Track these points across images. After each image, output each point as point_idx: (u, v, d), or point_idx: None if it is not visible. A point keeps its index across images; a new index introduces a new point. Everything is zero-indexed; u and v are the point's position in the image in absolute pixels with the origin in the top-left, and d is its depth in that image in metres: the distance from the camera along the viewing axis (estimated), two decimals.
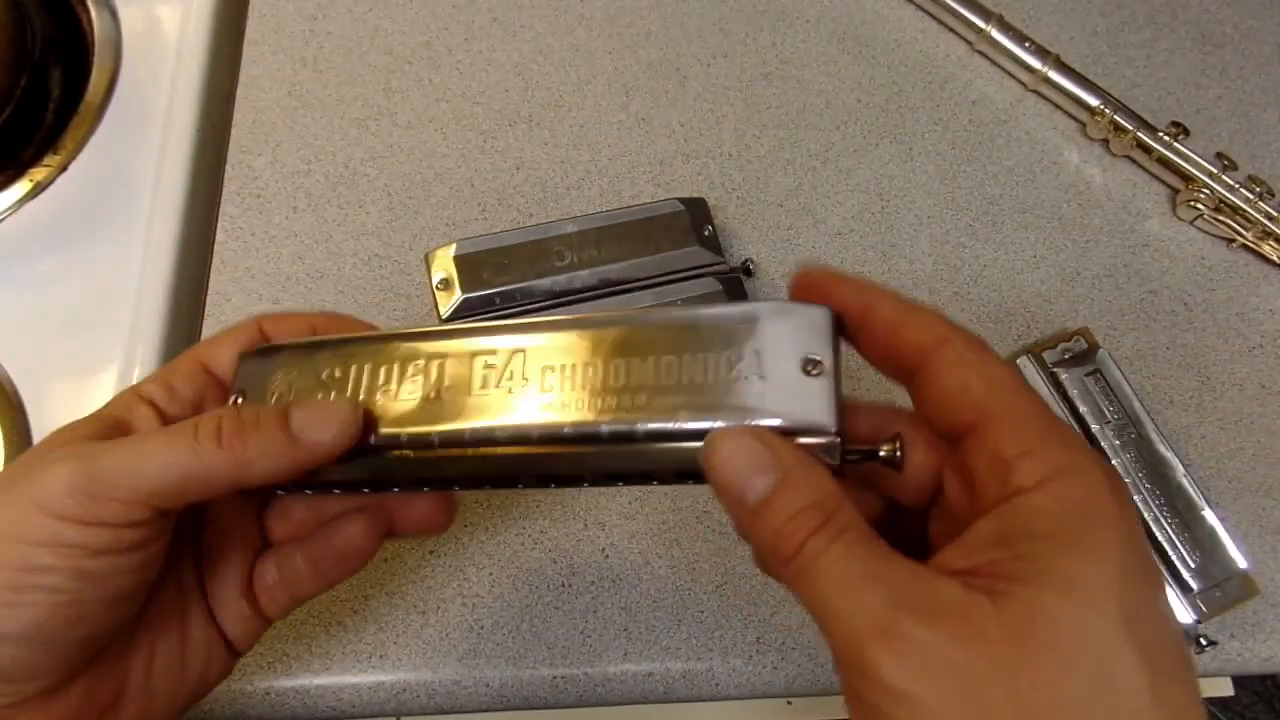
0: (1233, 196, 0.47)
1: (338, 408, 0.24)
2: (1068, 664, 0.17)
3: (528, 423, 0.23)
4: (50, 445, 0.24)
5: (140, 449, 0.23)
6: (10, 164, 0.45)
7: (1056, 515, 0.18)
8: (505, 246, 0.41)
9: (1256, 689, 1.18)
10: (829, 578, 0.19)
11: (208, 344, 0.28)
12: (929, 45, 0.53)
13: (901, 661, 0.17)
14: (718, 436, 0.21)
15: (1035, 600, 0.18)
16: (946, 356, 0.21)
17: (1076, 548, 0.18)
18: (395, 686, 0.37)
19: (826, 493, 0.20)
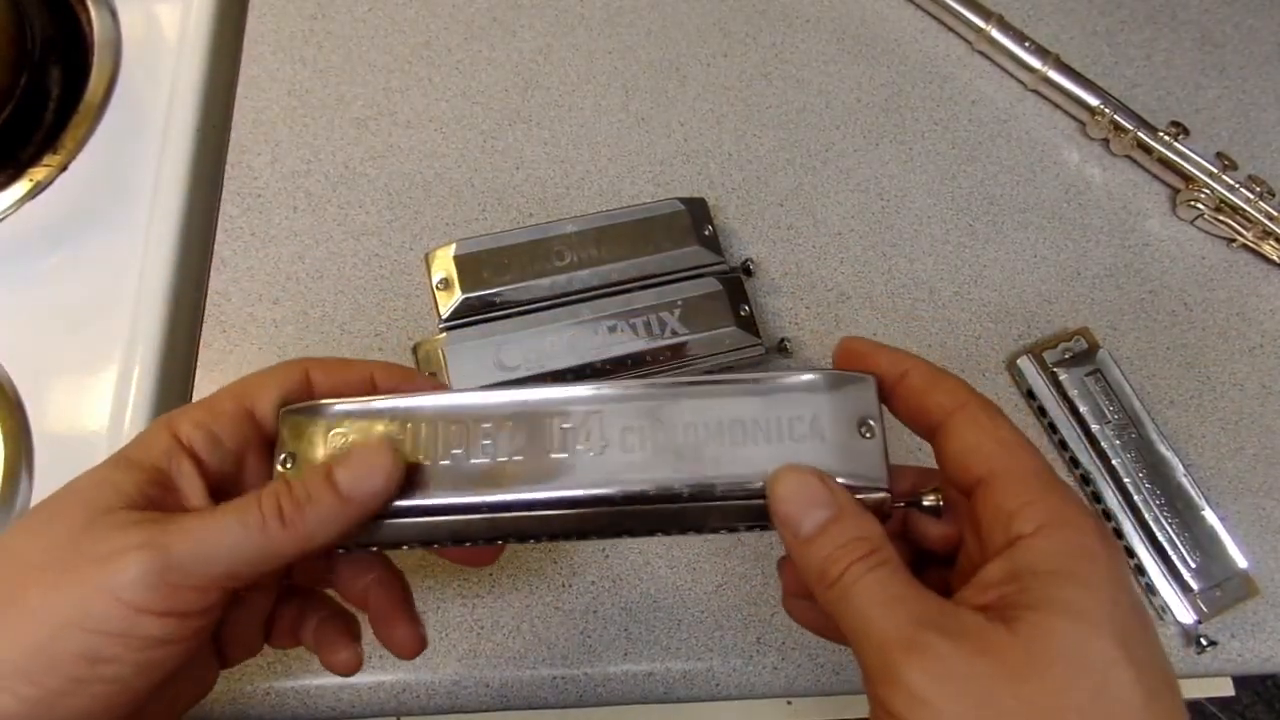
0: (1233, 196, 0.47)
1: (375, 455, 0.24)
2: (1072, 676, 0.20)
3: (611, 486, 0.25)
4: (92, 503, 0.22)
5: (211, 534, 0.22)
6: (10, 164, 0.45)
7: (1055, 555, 0.21)
8: (505, 246, 0.41)
9: (1257, 689, 1.18)
10: (866, 597, 0.22)
11: (251, 385, 0.26)
12: (929, 45, 0.53)
13: (925, 670, 0.20)
14: (784, 471, 0.24)
15: (1042, 622, 0.20)
16: (963, 418, 0.24)
17: (1074, 581, 0.21)
18: (395, 686, 0.37)
19: (872, 531, 0.23)
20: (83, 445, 0.40)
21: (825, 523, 0.23)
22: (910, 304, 0.46)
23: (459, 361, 0.39)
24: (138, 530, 0.22)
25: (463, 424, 0.25)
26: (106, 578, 0.21)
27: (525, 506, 0.25)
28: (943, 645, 0.20)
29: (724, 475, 0.25)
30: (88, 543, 0.22)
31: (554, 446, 0.25)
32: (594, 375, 0.40)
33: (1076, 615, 0.20)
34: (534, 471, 0.25)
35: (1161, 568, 0.40)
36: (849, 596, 0.22)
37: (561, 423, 0.25)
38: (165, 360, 0.42)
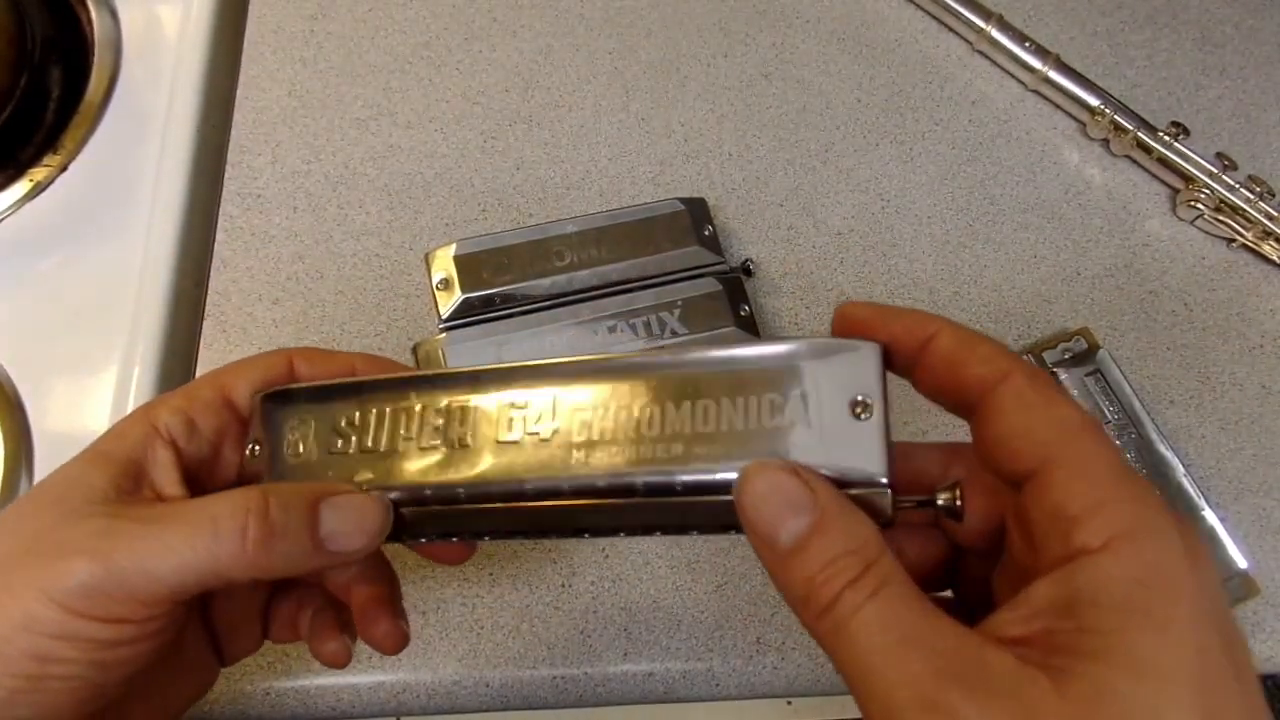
0: (1233, 196, 0.47)
1: (371, 514, 0.23)
2: None
3: (559, 476, 0.22)
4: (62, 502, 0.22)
5: (160, 547, 0.21)
6: (10, 164, 0.45)
7: (1126, 583, 0.16)
8: (505, 246, 0.41)
9: None
10: (868, 637, 0.17)
11: (231, 372, 0.26)
12: (929, 45, 0.53)
13: None
14: (751, 470, 0.20)
15: (1101, 682, 0.15)
16: (1007, 394, 0.19)
17: (1149, 623, 0.16)
18: (395, 686, 0.37)
19: (866, 538, 0.18)
20: (82, 445, 0.40)
21: (806, 533, 0.18)
22: (910, 304, 0.46)
23: (459, 361, 0.39)
24: (88, 534, 0.21)
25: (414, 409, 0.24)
26: (49, 581, 0.20)
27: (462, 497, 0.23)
28: (969, 709, 0.16)
29: (686, 468, 0.21)
30: (45, 543, 0.21)
31: (503, 432, 0.23)
32: None
33: (1147, 677, 0.15)
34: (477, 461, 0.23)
35: None
36: (844, 632, 0.17)
37: (514, 404, 0.23)
38: (165, 360, 0.42)
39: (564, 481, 0.22)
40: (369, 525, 0.22)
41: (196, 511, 0.22)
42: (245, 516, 0.21)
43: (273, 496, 0.22)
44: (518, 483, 0.22)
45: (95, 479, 0.22)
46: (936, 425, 0.42)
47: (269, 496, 0.22)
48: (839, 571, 0.18)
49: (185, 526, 0.21)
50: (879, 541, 0.18)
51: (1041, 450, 0.18)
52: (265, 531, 0.21)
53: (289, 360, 0.26)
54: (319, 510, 0.22)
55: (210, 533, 0.21)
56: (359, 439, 0.24)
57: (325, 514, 0.22)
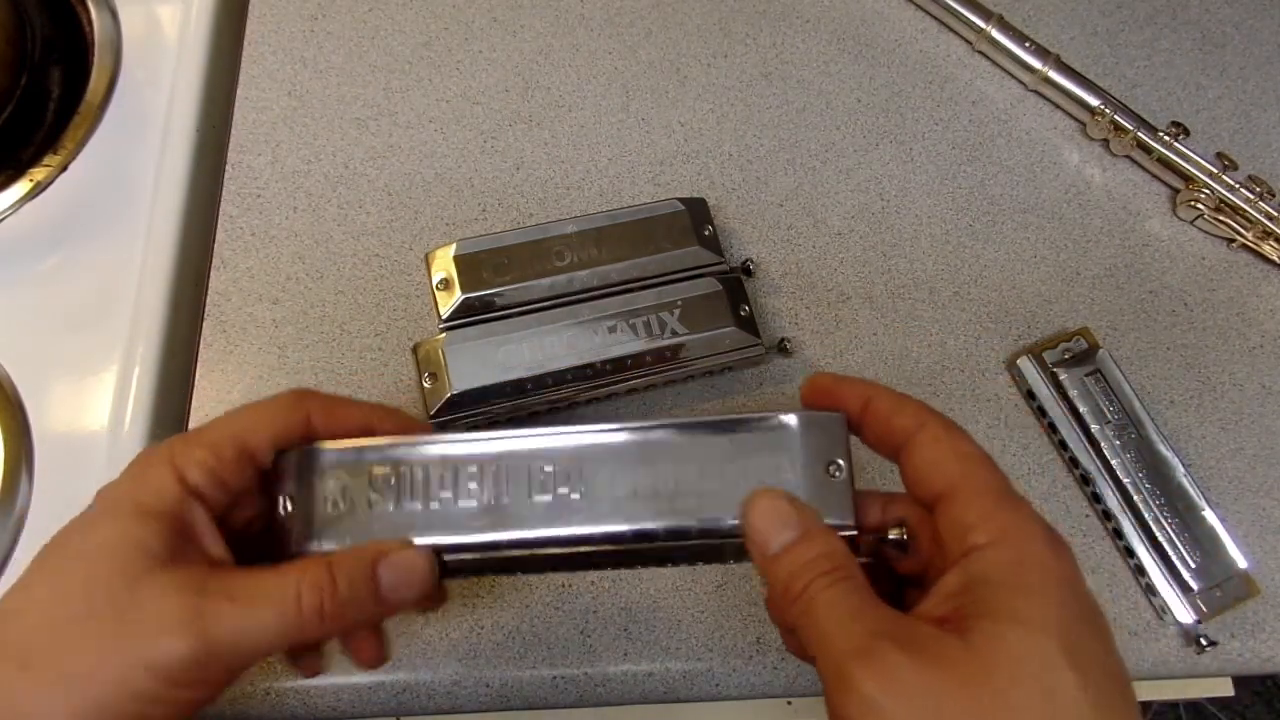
0: (1233, 196, 0.47)
1: (421, 569, 0.26)
2: (1018, 683, 0.20)
3: (590, 528, 0.26)
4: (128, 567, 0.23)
5: (252, 624, 0.24)
6: (10, 164, 0.45)
7: (1006, 565, 0.22)
8: (505, 246, 0.41)
9: (1257, 689, 1.18)
10: (826, 610, 0.22)
11: (250, 426, 0.27)
12: (929, 45, 0.53)
13: (877, 679, 0.20)
14: (757, 494, 0.25)
15: (991, 630, 0.21)
16: (925, 437, 0.25)
17: (1023, 590, 0.22)
18: (395, 686, 0.37)
19: (836, 549, 0.24)
20: (83, 445, 0.40)
21: (791, 542, 0.24)
22: (910, 304, 0.46)
23: (459, 361, 0.39)
24: (183, 612, 0.23)
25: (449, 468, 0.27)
26: (150, 657, 0.22)
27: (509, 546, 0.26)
28: (895, 655, 0.21)
29: (701, 517, 0.26)
30: (131, 613, 0.23)
31: (537, 490, 0.26)
32: (594, 375, 0.40)
33: (1023, 623, 0.21)
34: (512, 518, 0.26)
35: (1161, 568, 0.40)
36: (811, 610, 0.23)
37: (544, 467, 0.27)
38: (165, 360, 0.42)
39: (595, 532, 0.26)
40: (420, 579, 0.26)
41: (278, 590, 0.24)
42: (320, 595, 0.24)
43: (338, 571, 0.25)
44: (552, 534, 0.26)
45: (149, 540, 0.24)
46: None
47: (335, 572, 0.25)
48: (811, 568, 0.23)
49: (273, 607, 0.24)
50: (846, 552, 0.24)
51: (947, 477, 0.24)
52: (337, 605, 0.24)
53: (306, 414, 0.27)
54: (378, 572, 0.25)
55: (295, 611, 0.24)
56: (398, 496, 0.26)
57: (383, 574, 0.25)
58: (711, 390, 0.43)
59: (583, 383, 0.40)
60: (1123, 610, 0.40)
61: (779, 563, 0.24)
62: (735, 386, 0.43)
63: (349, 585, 0.25)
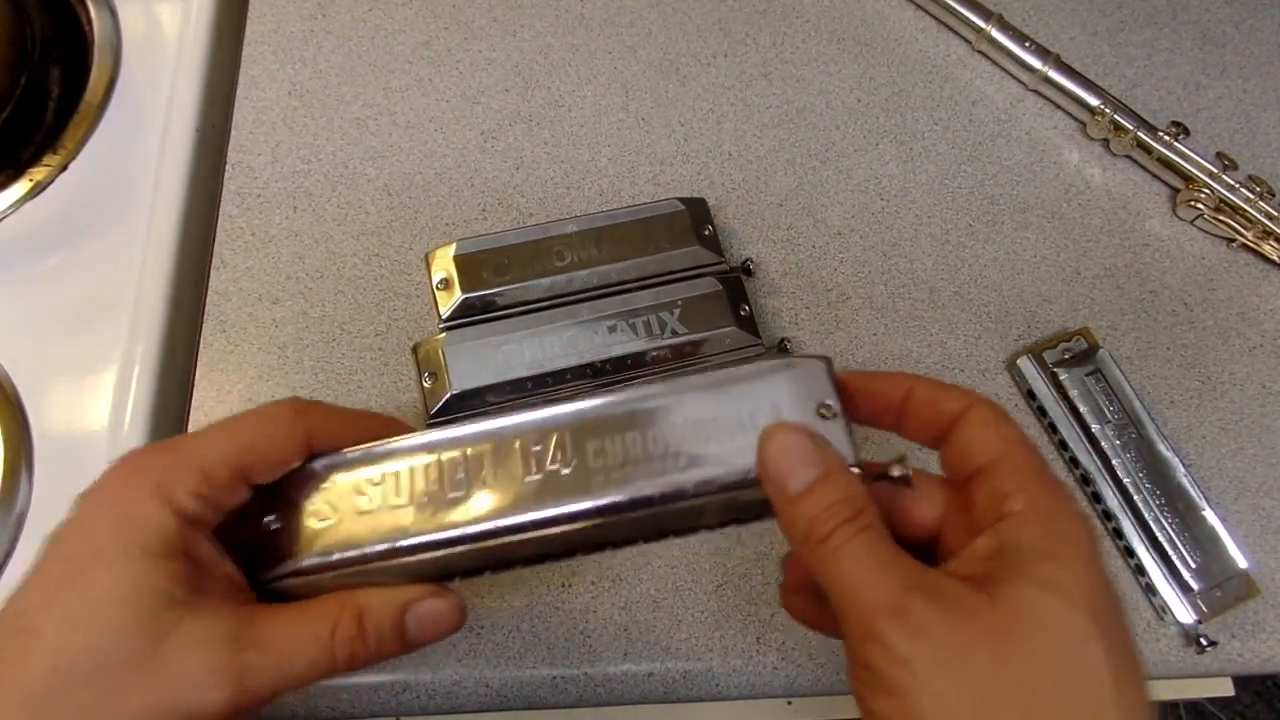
0: (1233, 196, 0.47)
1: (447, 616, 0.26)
2: (1047, 646, 0.21)
3: (586, 500, 0.25)
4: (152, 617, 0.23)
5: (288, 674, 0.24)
6: (10, 164, 0.45)
7: (1040, 534, 0.22)
8: (505, 246, 0.41)
9: (1257, 689, 1.18)
10: (855, 560, 0.22)
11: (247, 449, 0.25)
12: (929, 45, 0.53)
13: (906, 633, 0.21)
14: (774, 428, 0.24)
15: (1022, 594, 0.21)
16: (973, 416, 0.25)
17: (1055, 559, 0.22)
18: (395, 686, 0.37)
19: (858, 493, 0.23)
20: (83, 445, 0.40)
21: (813, 482, 0.23)
22: (910, 304, 0.46)
23: (459, 361, 0.39)
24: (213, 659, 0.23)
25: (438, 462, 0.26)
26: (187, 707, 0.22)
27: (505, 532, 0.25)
28: (925, 610, 0.21)
29: (693, 476, 0.25)
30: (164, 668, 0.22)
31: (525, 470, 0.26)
32: (594, 375, 0.40)
33: (1055, 590, 0.21)
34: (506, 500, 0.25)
35: (1161, 568, 0.40)
36: (837, 557, 0.22)
37: (531, 446, 0.26)
38: (165, 360, 0.42)
39: (591, 508, 0.25)
40: (446, 625, 0.26)
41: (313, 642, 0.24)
42: (351, 645, 0.25)
43: (368, 622, 0.25)
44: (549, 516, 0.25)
45: (164, 585, 0.23)
46: None
47: (365, 623, 0.25)
48: (837, 512, 0.23)
49: (308, 657, 0.24)
50: (867, 497, 0.23)
51: (990, 452, 0.24)
52: (366, 654, 0.25)
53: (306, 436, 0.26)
54: (405, 622, 0.26)
55: (329, 661, 0.24)
56: (384, 496, 0.26)
57: (410, 624, 0.26)
58: None
59: (583, 383, 0.40)
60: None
61: (801, 504, 0.23)
62: None
63: (377, 636, 0.25)
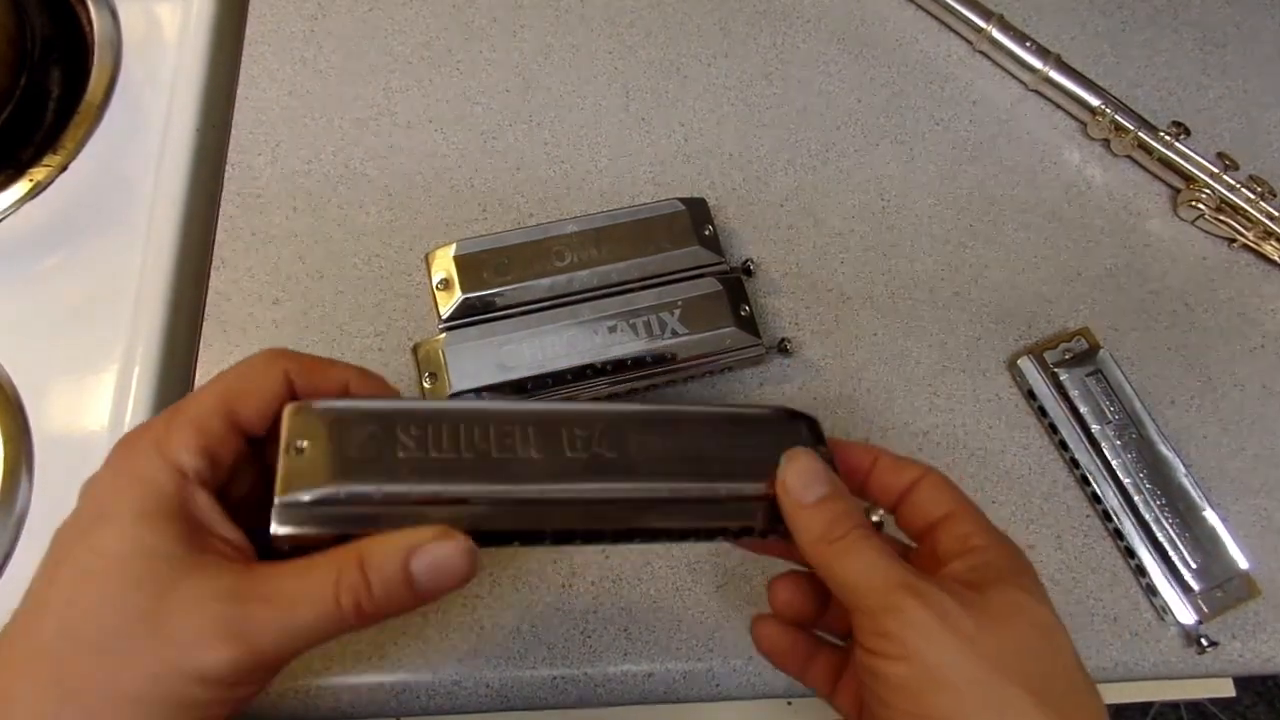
0: (1234, 196, 0.47)
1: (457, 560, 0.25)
2: (1032, 631, 0.25)
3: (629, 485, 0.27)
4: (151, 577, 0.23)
5: (293, 627, 0.23)
6: (10, 164, 0.45)
7: (1006, 558, 0.28)
8: (505, 246, 0.41)
9: (1258, 689, 1.18)
10: (872, 550, 0.26)
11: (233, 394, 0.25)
12: (929, 45, 0.53)
13: (923, 604, 0.24)
14: (796, 451, 0.29)
15: (1005, 592, 0.26)
16: (931, 480, 0.30)
17: (1019, 573, 0.27)
18: (395, 686, 0.37)
19: (857, 506, 0.28)
20: (83, 445, 0.40)
21: (827, 495, 0.27)
22: (910, 304, 0.46)
23: (459, 361, 0.39)
24: (216, 615, 0.23)
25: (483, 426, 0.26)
26: (197, 666, 0.22)
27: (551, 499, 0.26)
28: (937, 592, 0.25)
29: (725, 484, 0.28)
30: (167, 628, 0.22)
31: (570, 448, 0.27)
32: (594, 375, 0.40)
33: (1030, 593, 0.26)
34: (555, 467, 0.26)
35: (1162, 568, 0.40)
36: (855, 550, 0.26)
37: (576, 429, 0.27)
38: (165, 360, 0.42)
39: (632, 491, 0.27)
40: (456, 569, 0.25)
41: (316, 591, 0.24)
42: (355, 595, 0.24)
43: (371, 572, 0.24)
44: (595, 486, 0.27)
45: (164, 545, 0.23)
46: None
47: (368, 572, 0.24)
48: (849, 519, 0.27)
49: (312, 608, 0.24)
50: (861, 509, 0.28)
51: (948, 506, 0.29)
52: (374, 605, 0.24)
53: (285, 375, 0.26)
54: (410, 569, 0.24)
55: (335, 612, 0.24)
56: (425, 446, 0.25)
57: (416, 570, 0.24)
58: (711, 390, 0.43)
59: (583, 383, 0.40)
60: (1123, 610, 0.40)
61: (817, 511, 0.27)
62: (735, 386, 0.43)
63: (383, 585, 0.24)
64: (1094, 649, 0.39)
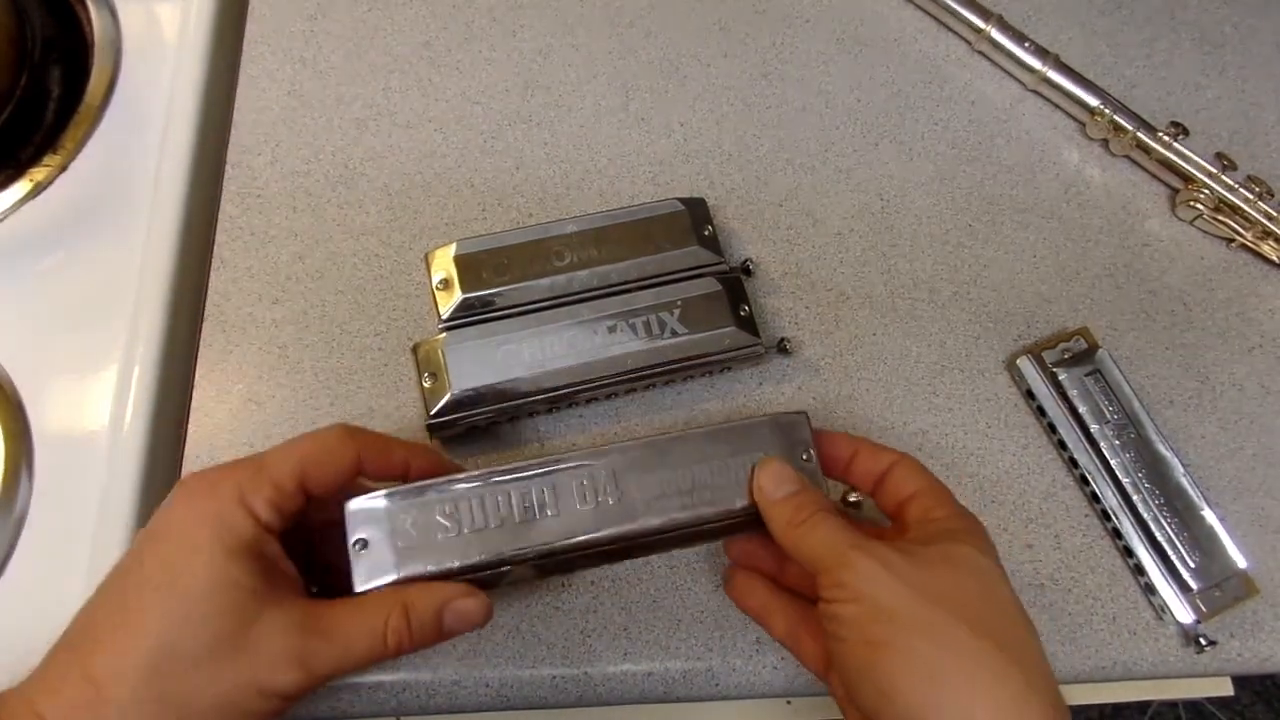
0: (1232, 196, 0.47)
1: (477, 614, 0.31)
2: (971, 576, 0.30)
3: (630, 527, 0.32)
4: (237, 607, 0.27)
5: (348, 657, 0.29)
6: (10, 164, 0.45)
7: (961, 525, 0.32)
8: (505, 246, 0.41)
9: (1257, 689, 1.18)
10: (828, 526, 0.31)
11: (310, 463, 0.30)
12: (929, 45, 0.53)
13: (870, 558, 0.29)
14: (765, 460, 0.33)
15: (950, 545, 0.30)
16: (904, 464, 0.34)
17: (971, 534, 0.31)
18: (395, 686, 0.37)
19: (822, 497, 0.33)
20: (83, 445, 0.40)
21: (793, 491, 0.32)
22: (910, 304, 0.46)
23: (458, 361, 0.39)
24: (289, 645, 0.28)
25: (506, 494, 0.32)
26: (267, 684, 0.27)
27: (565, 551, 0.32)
28: (882, 548, 0.30)
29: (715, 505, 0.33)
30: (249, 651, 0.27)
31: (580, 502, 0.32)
32: (594, 375, 0.40)
33: (974, 546, 0.30)
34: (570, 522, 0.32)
35: (1161, 567, 0.40)
36: (816, 526, 0.31)
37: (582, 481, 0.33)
38: (165, 360, 0.42)
39: (634, 530, 0.32)
40: (475, 620, 0.31)
41: (369, 631, 0.29)
42: (399, 636, 0.29)
43: (413, 616, 0.30)
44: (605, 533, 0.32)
45: (247, 581, 0.28)
46: None
47: (410, 616, 0.30)
48: (811, 503, 0.32)
49: (364, 644, 0.29)
50: (828, 499, 0.33)
51: (917, 484, 0.33)
52: (409, 640, 0.30)
53: (357, 454, 0.31)
54: (443, 618, 0.30)
55: (381, 648, 0.29)
56: (460, 524, 0.31)
57: (446, 619, 0.31)
58: (711, 390, 0.43)
59: (583, 382, 0.40)
60: (1122, 610, 0.40)
61: (785, 503, 0.32)
62: (735, 386, 0.43)
63: (419, 628, 0.30)
64: (1093, 648, 0.40)
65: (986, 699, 0.26)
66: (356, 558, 0.31)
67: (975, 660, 0.27)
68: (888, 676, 0.27)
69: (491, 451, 0.41)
